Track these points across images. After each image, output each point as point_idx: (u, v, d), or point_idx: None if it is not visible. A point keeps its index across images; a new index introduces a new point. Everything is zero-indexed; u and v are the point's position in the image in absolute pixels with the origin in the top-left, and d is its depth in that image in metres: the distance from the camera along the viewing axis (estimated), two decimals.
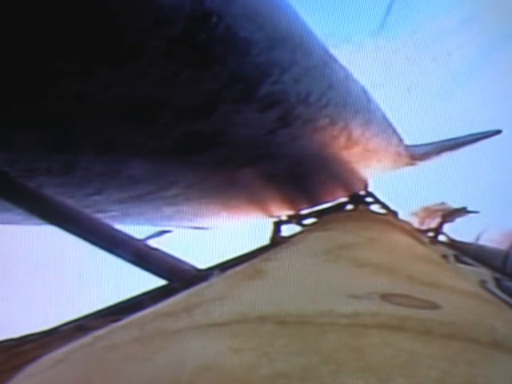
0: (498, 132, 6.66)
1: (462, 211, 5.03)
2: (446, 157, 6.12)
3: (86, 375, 0.60)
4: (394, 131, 4.91)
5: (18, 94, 1.51)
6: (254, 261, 1.48)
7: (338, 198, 4.46)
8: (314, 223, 3.97)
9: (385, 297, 0.78)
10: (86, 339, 0.74)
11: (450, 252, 3.07)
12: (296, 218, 4.23)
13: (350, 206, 4.34)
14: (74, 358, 0.68)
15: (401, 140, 5.08)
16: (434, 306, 0.76)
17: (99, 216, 2.33)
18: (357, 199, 4.43)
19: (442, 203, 5.48)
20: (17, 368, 0.74)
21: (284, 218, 4.25)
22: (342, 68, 3.23)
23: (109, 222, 2.12)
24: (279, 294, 0.83)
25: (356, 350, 0.55)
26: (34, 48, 1.35)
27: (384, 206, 4.47)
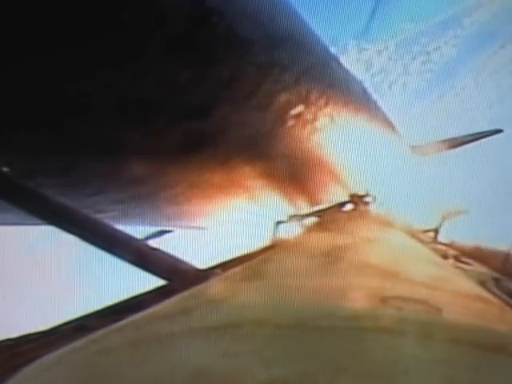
0: (499, 131, 6.67)
1: (462, 211, 5.01)
2: (446, 157, 6.13)
3: (79, 379, 0.59)
4: (394, 130, 4.90)
5: (18, 94, 1.51)
6: (253, 262, 1.47)
7: (338, 197, 4.45)
8: (313, 223, 3.96)
9: (385, 300, 0.77)
10: (81, 342, 0.73)
11: (450, 252, 3.06)
12: (296, 218, 4.22)
13: (350, 206, 4.33)
14: (67, 362, 0.67)
15: (400, 138, 5.07)
16: (436, 309, 0.75)
17: (99, 216, 2.32)
18: (357, 199, 4.42)
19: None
20: (17, 368, 0.73)
21: (284, 218, 4.24)
22: (343, 67, 3.22)
23: (109, 221, 2.12)
24: (277, 297, 0.82)
25: (355, 355, 0.54)
26: (34, 49, 1.34)
27: (384, 206, 4.46)
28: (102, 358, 0.63)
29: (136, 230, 3.70)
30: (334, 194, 4.34)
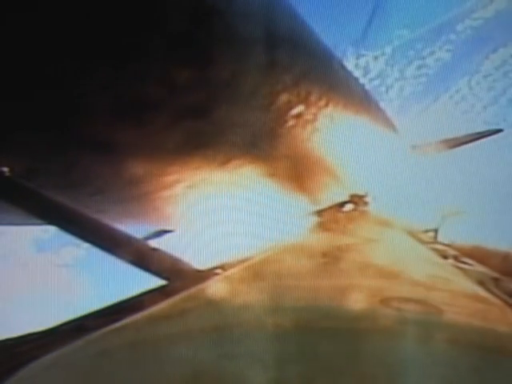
0: (498, 131, 6.67)
1: (461, 211, 5.01)
2: (446, 157, 6.13)
3: (78, 380, 0.59)
4: (394, 130, 4.90)
5: (18, 94, 1.51)
6: (253, 262, 1.47)
7: (338, 197, 4.45)
8: (314, 223, 3.96)
9: (385, 300, 0.77)
10: (79, 343, 0.73)
11: (449, 252, 3.05)
12: (296, 218, 4.22)
13: (350, 206, 4.32)
14: (66, 363, 0.67)
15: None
16: (436, 310, 0.75)
17: (99, 216, 2.33)
18: (357, 199, 4.42)
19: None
20: (17, 368, 0.73)
21: (284, 218, 4.24)
22: (344, 68, 3.22)
23: (109, 222, 2.12)
24: (277, 298, 0.81)
25: (355, 356, 0.54)
26: (34, 49, 1.34)
27: (384, 206, 4.46)
28: (100, 359, 0.63)
29: (136, 229, 3.70)
30: (334, 194, 4.34)
